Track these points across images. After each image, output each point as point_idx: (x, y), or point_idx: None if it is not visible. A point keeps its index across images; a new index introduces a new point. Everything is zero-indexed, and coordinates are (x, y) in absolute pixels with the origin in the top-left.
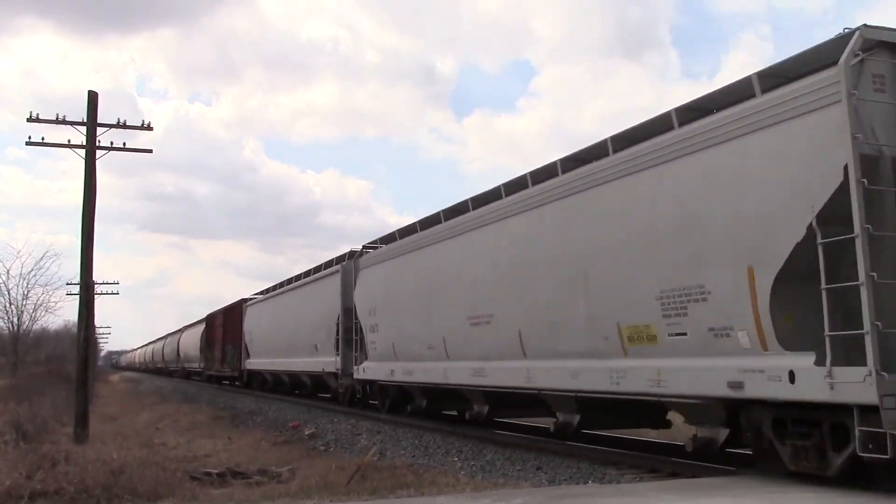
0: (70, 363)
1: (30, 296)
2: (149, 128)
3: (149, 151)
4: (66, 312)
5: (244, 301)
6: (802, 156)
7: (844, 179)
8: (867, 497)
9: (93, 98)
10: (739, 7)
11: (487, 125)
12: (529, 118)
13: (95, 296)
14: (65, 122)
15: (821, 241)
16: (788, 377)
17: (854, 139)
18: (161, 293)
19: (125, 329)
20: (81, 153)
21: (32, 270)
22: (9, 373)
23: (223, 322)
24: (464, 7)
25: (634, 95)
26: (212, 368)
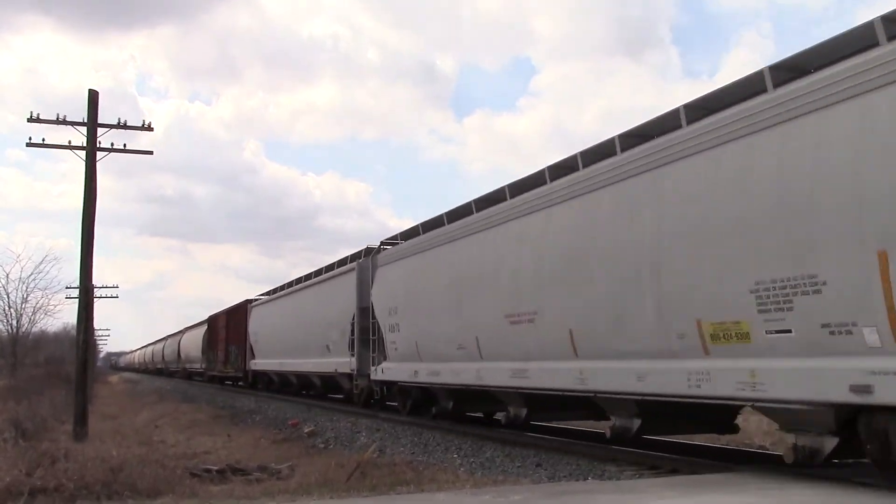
0: (69, 365)
1: (29, 299)
2: (149, 128)
3: (149, 153)
4: (66, 315)
5: (249, 302)
6: None
7: None
8: (867, 496)
9: (93, 97)
10: (740, 4)
11: (488, 125)
12: (530, 118)
13: (94, 299)
14: (65, 123)
15: None
16: None
17: None
18: (160, 296)
19: (124, 331)
20: (82, 154)
21: (32, 274)
22: (8, 374)
23: (226, 323)
24: (464, 6)
25: (635, 94)
26: (214, 369)
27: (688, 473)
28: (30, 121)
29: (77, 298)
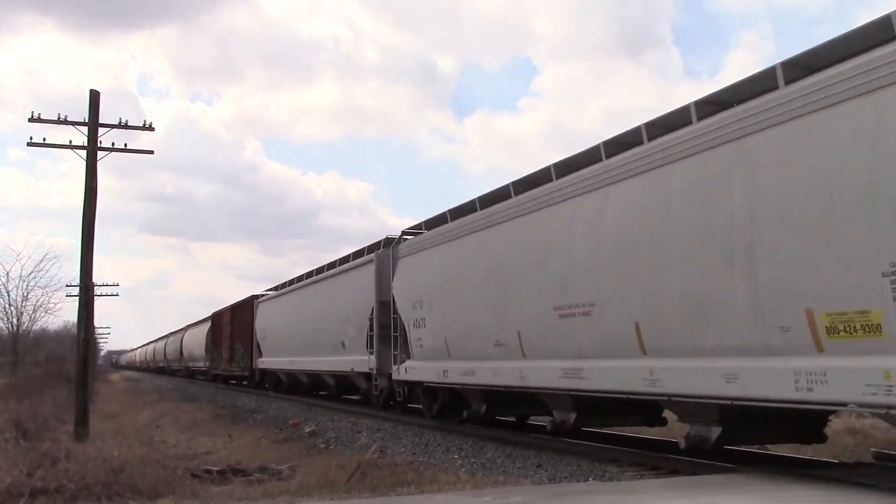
0: (69, 363)
1: (29, 297)
2: (150, 128)
3: (150, 153)
4: (66, 313)
5: (255, 297)
6: None
7: None
8: (867, 496)
9: (94, 97)
10: (740, 4)
11: (488, 125)
12: (531, 118)
13: (95, 297)
14: (66, 123)
15: None
16: None
17: None
18: (161, 295)
19: (125, 329)
20: (83, 154)
21: (32, 272)
22: (8, 372)
23: (231, 320)
24: (464, 6)
25: (636, 94)
26: (218, 368)
27: (689, 474)
28: (31, 120)
29: (77, 296)
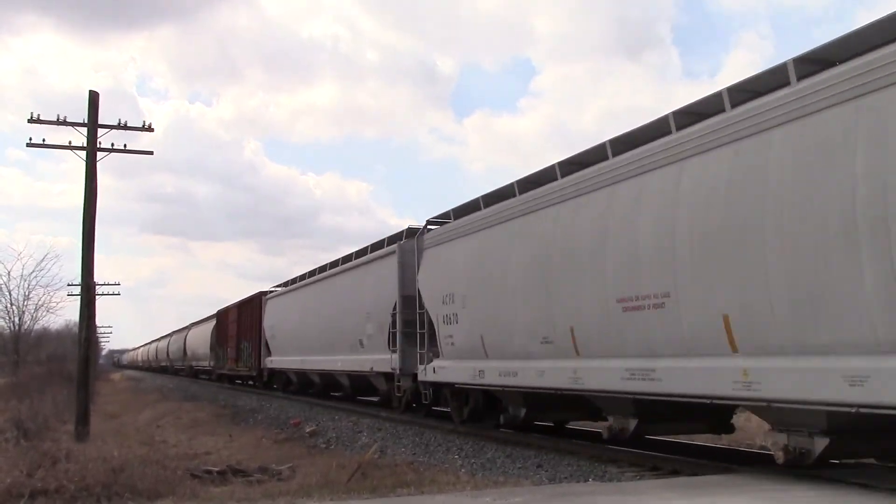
0: (71, 362)
1: (31, 297)
2: (150, 129)
3: (150, 153)
4: (68, 312)
5: (263, 294)
6: None
7: None
8: (867, 496)
9: (94, 98)
10: (740, 4)
11: (488, 125)
12: (530, 118)
13: (97, 296)
14: (66, 123)
15: None
16: None
17: None
18: (161, 294)
19: (127, 328)
20: (82, 154)
21: (34, 272)
22: (10, 372)
23: (237, 317)
24: (464, 6)
25: (636, 95)
26: (224, 367)
27: (689, 475)
28: (30, 121)
29: (79, 296)
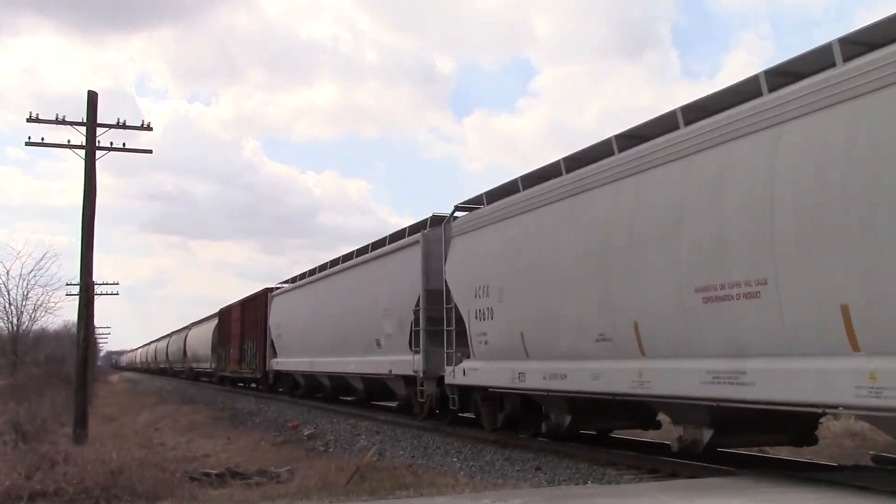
0: (69, 363)
1: (29, 296)
2: (148, 128)
3: (149, 152)
4: (66, 313)
5: (269, 291)
6: None
7: None
8: (867, 497)
9: (92, 98)
10: (740, 4)
11: (487, 125)
12: (529, 118)
13: (95, 296)
14: (64, 123)
15: None
16: None
17: None
18: (161, 294)
19: (125, 329)
20: (81, 153)
21: (32, 271)
22: (8, 373)
23: (241, 316)
24: (463, 6)
25: (635, 95)
26: (226, 369)
27: (687, 477)
28: (29, 121)
29: (78, 295)
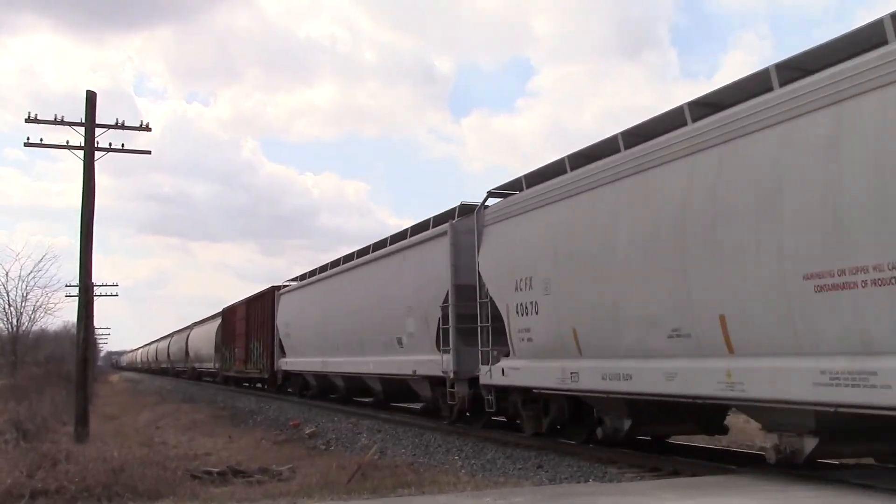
0: (69, 363)
1: (29, 297)
2: (147, 128)
3: (147, 153)
4: (66, 313)
5: (276, 288)
6: None
7: None
8: (867, 497)
9: (91, 98)
10: (739, 5)
11: (486, 125)
12: (528, 118)
13: (94, 297)
14: (63, 123)
15: None
16: None
17: None
18: (160, 294)
19: (125, 330)
20: (80, 154)
21: (31, 272)
22: (8, 373)
23: (246, 315)
24: (463, 6)
25: (634, 95)
26: (230, 369)
27: (689, 475)
28: (28, 121)
29: (77, 296)
